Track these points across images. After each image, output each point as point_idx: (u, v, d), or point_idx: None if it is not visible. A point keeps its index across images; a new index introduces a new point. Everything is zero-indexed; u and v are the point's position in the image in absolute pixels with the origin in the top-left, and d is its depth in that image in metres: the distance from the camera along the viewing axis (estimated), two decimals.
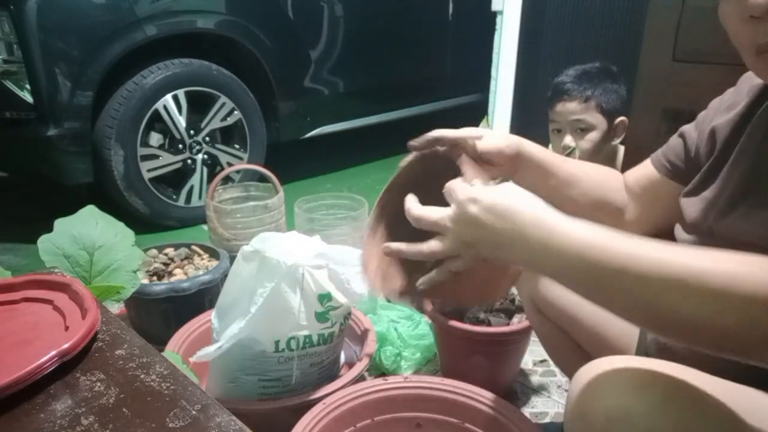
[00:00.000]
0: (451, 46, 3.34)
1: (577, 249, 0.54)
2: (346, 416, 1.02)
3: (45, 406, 0.54)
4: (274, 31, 2.54)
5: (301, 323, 1.06)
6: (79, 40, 2.04)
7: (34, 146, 2.11)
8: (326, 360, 1.17)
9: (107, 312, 0.72)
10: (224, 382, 1.14)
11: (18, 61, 1.98)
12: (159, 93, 2.24)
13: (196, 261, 1.59)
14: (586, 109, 1.46)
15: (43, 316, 0.68)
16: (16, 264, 2.02)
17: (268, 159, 2.62)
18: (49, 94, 2.01)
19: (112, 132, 2.16)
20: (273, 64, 2.56)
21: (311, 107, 2.81)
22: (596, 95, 1.45)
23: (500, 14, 2.41)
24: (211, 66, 2.39)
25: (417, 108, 3.32)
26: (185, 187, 2.41)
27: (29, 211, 2.56)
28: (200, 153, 2.42)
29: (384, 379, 1.08)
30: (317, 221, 1.88)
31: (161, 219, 2.37)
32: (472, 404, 1.03)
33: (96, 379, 0.59)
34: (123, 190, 2.24)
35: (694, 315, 0.49)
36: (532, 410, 1.29)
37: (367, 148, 3.37)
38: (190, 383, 0.58)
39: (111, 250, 0.94)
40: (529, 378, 1.39)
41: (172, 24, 2.25)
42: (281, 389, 1.12)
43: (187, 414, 0.53)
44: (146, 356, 0.63)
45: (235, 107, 2.47)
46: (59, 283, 0.73)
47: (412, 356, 1.38)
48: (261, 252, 1.05)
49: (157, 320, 1.42)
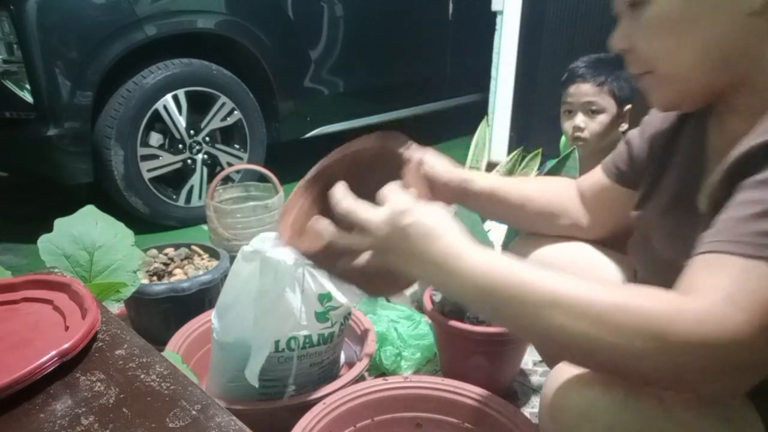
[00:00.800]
0: (451, 46, 3.34)
1: (477, 277, 0.57)
2: (346, 416, 1.02)
3: (45, 406, 0.54)
4: (274, 31, 2.54)
5: (301, 323, 1.06)
6: (79, 40, 2.04)
7: (34, 146, 2.11)
8: (326, 360, 1.17)
9: (107, 312, 0.72)
10: (224, 382, 1.14)
11: (18, 61, 1.98)
12: (159, 93, 2.24)
13: (196, 261, 1.59)
14: (599, 92, 1.52)
15: (43, 316, 0.68)
16: (16, 264, 2.02)
17: (268, 159, 2.62)
18: (49, 94, 2.01)
19: (112, 132, 2.16)
20: (273, 64, 2.56)
21: (311, 107, 2.81)
22: (610, 81, 1.51)
23: (500, 14, 2.41)
24: (211, 66, 2.39)
25: (417, 108, 3.32)
26: (185, 187, 2.41)
27: (29, 211, 2.56)
28: (200, 153, 2.42)
29: (384, 379, 1.08)
30: None
31: (161, 219, 2.37)
32: (472, 404, 1.03)
33: (96, 379, 0.59)
34: (123, 190, 2.24)
35: (581, 340, 0.52)
36: (532, 410, 1.29)
37: None
38: (190, 383, 0.58)
39: (111, 250, 0.94)
40: (529, 378, 1.39)
41: (172, 24, 2.25)
42: (281, 389, 1.12)
43: (187, 414, 0.53)
44: (146, 356, 0.63)
45: (235, 107, 2.47)
46: (59, 283, 0.73)
47: (412, 356, 1.38)
48: (261, 252, 1.05)
49: (157, 320, 1.42)
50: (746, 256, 0.49)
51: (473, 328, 1.22)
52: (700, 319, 0.48)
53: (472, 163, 1.61)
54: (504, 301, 0.56)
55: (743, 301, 0.48)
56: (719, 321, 0.47)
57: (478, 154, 1.62)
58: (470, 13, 3.22)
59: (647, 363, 0.50)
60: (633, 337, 0.49)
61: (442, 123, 3.66)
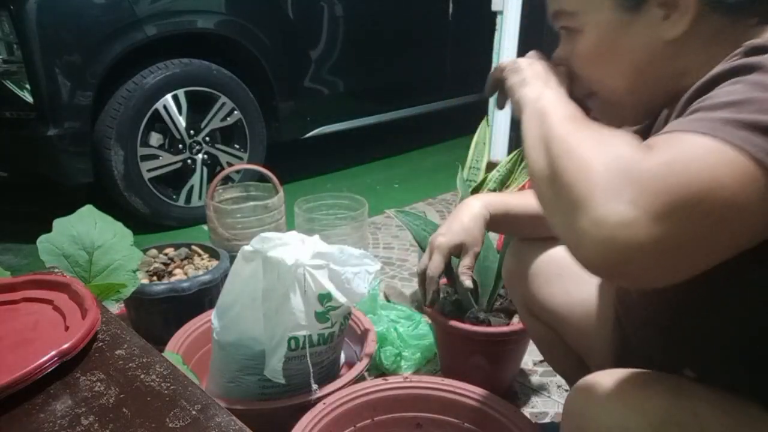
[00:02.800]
0: (451, 46, 3.34)
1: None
2: (346, 416, 1.02)
3: (45, 406, 0.54)
4: (274, 31, 2.54)
5: (301, 323, 1.06)
6: (79, 40, 2.04)
7: (34, 146, 2.11)
8: (326, 360, 1.17)
9: (107, 312, 0.72)
10: (224, 382, 1.14)
11: (18, 61, 1.98)
12: (159, 93, 2.24)
13: (196, 261, 1.59)
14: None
15: (43, 316, 0.68)
16: (16, 264, 2.02)
17: (268, 159, 2.62)
18: (49, 94, 2.01)
19: (112, 132, 2.16)
20: (273, 64, 2.56)
21: (311, 107, 2.81)
22: None
23: (500, 14, 2.41)
24: (211, 66, 2.39)
25: (417, 108, 3.32)
26: (185, 187, 2.41)
27: (29, 211, 2.56)
28: (200, 153, 2.42)
29: (384, 379, 1.08)
30: (317, 221, 1.88)
31: (161, 219, 2.37)
32: (472, 404, 1.03)
33: (96, 379, 0.59)
34: (123, 190, 2.24)
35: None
36: (532, 410, 1.29)
37: (367, 148, 3.37)
38: (190, 383, 0.58)
39: (110, 250, 0.94)
40: (529, 378, 1.39)
41: (172, 24, 2.25)
42: (281, 389, 1.12)
43: (187, 414, 0.53)
44: (146, 356, 0.63)
45: (235, 107, 2.47)
46: (59, 283, 0.73)
47: (412, 356, 1.38)
48: (261, 252, 1.05)
49: (157, 320, 1.42)
50: (700, 133, 0.47)
51: (473, 328, 1.22)
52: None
53: (472, 163, 1.61)
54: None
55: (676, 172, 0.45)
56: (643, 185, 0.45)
57: (478, 154, 1.62)
58: (470, 13, 3.21)
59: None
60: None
61: (442, 123, 3.66)
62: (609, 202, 0.46)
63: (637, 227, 0.44)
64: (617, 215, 0.45)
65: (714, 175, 0.45)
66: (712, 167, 0.45)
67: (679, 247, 0.45)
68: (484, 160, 1.61)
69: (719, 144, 0.45)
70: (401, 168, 3.20)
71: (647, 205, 0.44)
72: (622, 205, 0.45)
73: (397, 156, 3.39)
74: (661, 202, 0.44)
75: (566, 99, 0.62)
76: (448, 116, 3.56)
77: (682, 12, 0.58)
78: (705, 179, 0.44)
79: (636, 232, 0.44)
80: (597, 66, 0.65)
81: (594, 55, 0.64)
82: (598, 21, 0.62)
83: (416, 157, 3.40)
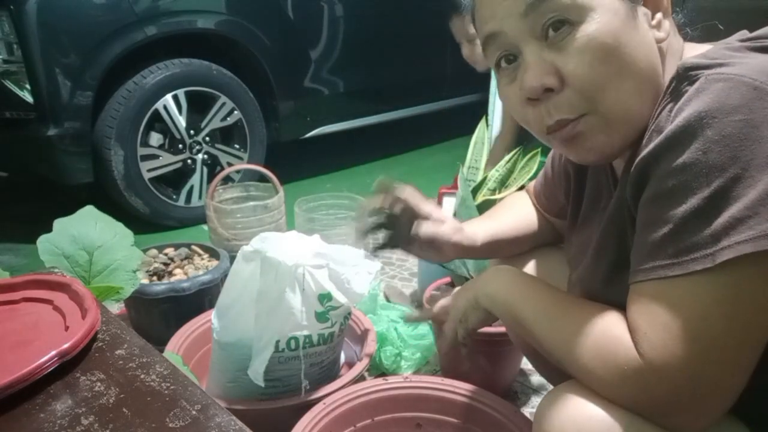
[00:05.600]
0: (451, 46, 3.33)
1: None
2: (346, 416, 1.02)
3: (45, 406, 0.54)
4: (274, 31, 2.54)
5: (301, 323, 1.06)
6: (79, 40, 2.04)
7: (34, 146, 2.11)
8: (326, 360, 1.17)
9: (107, 312, 0.72)
10: (224, 382, 1.14)
11: (18, 61, 1.98)
12: (159, 93, 2.24)
13: (196, 261, 1.59)
14: None
15: (43, 316, 0.68)
16: (16, 264, 2.02)
17: (268, 159, 2.62)
18: (49, 94, 2.01)
19: (112, 132, 2.16)
20: (273, 64, 2.56)
21: (311, 107, 2.81)
22: None
23: None
24: (211, 66, 2.39)
25: (417, 108, 3.32)
26: (185, 187, 2.41)
27: (29, 211, 2.56)
28: (200, 153, 2.42)
29: (384, 379, 1.08)
30: (317, 221, 1.88)
31: (161, 219, 2.37)
32: (472, 404, 1.02)
33: (96, 379, 0.59)
34: (123, 190, 2.24)
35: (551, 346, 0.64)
36: (532, 410, 1.29)
37: (367, 148, 3.37)
38: (190, 383, 0.58)
39: (110, 250, 0.94)
40: (529, 378, 1.39)
41: (172, 24, 2.25)
42: (281, 389, 1.12)
43: (187, 414, 0.53)
44: (146, 356, 0.63)
45: (235, 107, 2.47)
46: (59, 283, 0.73)
47: (412, 356, 1.38)
48: (261, 252, 1.05)
49: (157, 320, 1.42)
50: (670, 278, 0.52)
51: None
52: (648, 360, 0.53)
53: (471, 163, 1.61)
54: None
55: (678, 330, 0.52)
56: (664, 359, 0.52)
57: (478, 154, 1.62)
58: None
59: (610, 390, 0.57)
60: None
61: (442, 123, 3.66)
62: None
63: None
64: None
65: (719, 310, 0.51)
66: (709, 306, 0.51)
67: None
68: (483, 160, 1.61)
69: (693, 281, 0.51)
70: (401, 168, 3.20)
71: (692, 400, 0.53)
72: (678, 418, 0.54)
73: (397, 156, 3.39)
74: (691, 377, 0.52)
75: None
76: (448, 116, 3.57)
77: (665, 14, 0.58)
78: (715, 322, 0.51)
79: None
80: (605, 62, 0.57)
81: (600, 49, 0.57)
82: (609, 7, 0.57)
83: (416, 157, 3.40)
